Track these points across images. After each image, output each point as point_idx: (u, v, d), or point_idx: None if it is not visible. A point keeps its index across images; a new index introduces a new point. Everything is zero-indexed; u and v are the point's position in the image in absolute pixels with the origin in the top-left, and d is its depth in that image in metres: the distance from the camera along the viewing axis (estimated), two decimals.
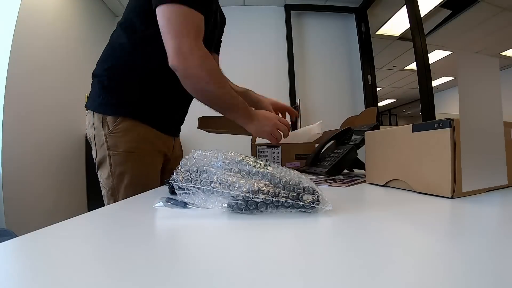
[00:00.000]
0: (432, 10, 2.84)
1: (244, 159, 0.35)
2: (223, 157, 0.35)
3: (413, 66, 2.66)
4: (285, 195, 0.31)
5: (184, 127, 0.98)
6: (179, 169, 0.34)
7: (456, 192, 0.37)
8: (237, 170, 0.34)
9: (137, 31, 0.74)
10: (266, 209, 0.31)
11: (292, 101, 2.69)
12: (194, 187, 0.32)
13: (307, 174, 0.81)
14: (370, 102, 2.75)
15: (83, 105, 0.84)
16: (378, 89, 3.64)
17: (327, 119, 2.65)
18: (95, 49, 2.54)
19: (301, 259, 0.20)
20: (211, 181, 0.32)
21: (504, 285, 0.14)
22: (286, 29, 2.78)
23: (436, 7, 2.81)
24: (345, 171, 0.85)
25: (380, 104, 6.41)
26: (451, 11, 3.00)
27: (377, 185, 0.54)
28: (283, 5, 2.81)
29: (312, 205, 0.31)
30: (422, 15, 2.26)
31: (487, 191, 0.41)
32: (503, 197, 0.39)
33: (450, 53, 4.09)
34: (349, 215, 0.32)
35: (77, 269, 0.18)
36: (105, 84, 0.76)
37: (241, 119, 0.80)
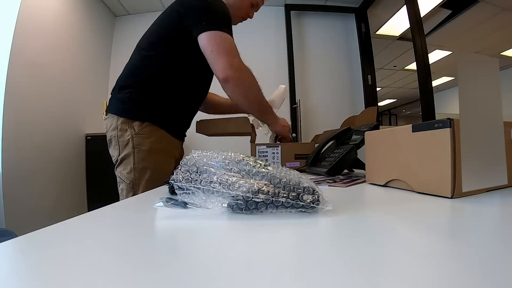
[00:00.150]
0: (432, 10, 2.84)
1: (244, 159, 0.35)
2: (223, 157, 0.35)
3: (413, 66, 2.66)
4: (285, 195, 0.31)
5: None
6: (179, 169, 0.34)
7: (456, 192, 0.37)
8: (237, 170, 0.34)
9: (159, 55, 0.88)
10: (266, 209, 0.31)
11: (292, 101, 2.69)
12: (194, 187, 0.32)
13: (307, 174, 0.81)
14: (370, 102, 2.75)
15: (83, 105, 0.86)
16: (378, 89, 3.64)
17: (327, 119, 2.67)
18: (95, 49, 2.54)
19: (301, 259, 0.20)
20: (211, 181, 0.32)
21: (504, 285, 0.14)
22: (286, 29, 2.78)
23: (436, 7, 2.81)
24: (345, 171, 0.84)
25: (380, 104, 6.40)
26: (451, 11, 3.00)
27: (377, 185, 0.54)
28: (283, 5, 2.81)
29: (312, 205, 0.31)
30: (422, 15, 2.26)
31: (487, 191, 0.41)
32: (503, 197, 0.39)
33: (450, 53, 4.09)
34: (349, 215, 0.32)
35: (77, 269, 0.18)
36: (133, 95, 0.90)
37: (270, 120, 1.00)
